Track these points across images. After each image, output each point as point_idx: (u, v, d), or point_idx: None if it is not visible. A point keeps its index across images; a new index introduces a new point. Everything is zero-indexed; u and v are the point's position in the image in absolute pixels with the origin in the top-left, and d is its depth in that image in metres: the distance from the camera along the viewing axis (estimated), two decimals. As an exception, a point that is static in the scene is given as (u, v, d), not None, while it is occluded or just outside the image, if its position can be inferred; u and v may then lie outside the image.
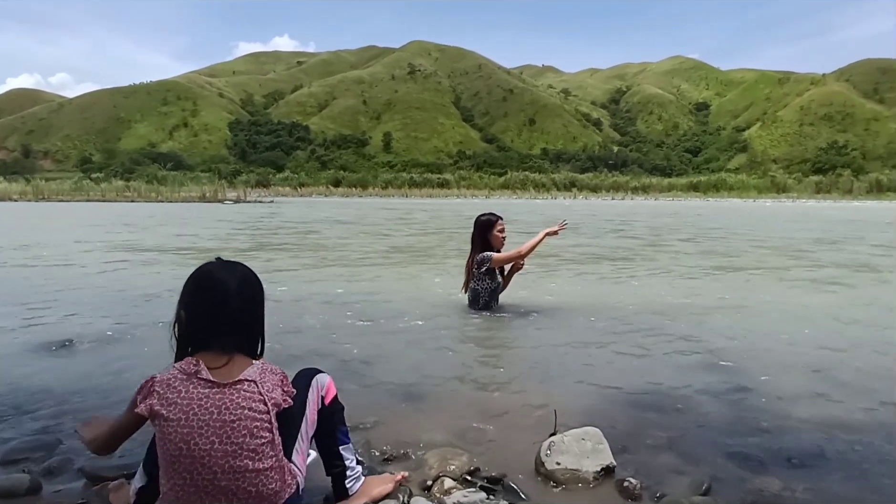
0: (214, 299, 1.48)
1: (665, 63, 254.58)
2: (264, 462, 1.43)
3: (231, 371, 1.44)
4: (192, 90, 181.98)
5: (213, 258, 1.55)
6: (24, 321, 4.25)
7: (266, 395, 1.44)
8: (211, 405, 1.39)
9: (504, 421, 2.44)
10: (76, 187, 47.32)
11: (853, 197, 73.63)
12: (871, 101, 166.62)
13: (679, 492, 1.83)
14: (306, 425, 1.62)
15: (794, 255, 9.46)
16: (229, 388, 1.41)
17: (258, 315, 1.55)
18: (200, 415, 1.38)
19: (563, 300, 5.13)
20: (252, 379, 1.44)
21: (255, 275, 1.58)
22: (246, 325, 1.51)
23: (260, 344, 1.56)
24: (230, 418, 1.39)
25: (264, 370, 1.49)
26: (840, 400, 2.71)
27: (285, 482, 1.48)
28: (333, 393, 1.71)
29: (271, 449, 1.44)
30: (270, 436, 1.44)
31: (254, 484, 1.42)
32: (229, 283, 1.49)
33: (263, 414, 1.43)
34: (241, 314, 1.49)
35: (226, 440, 1.38)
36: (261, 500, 1.43)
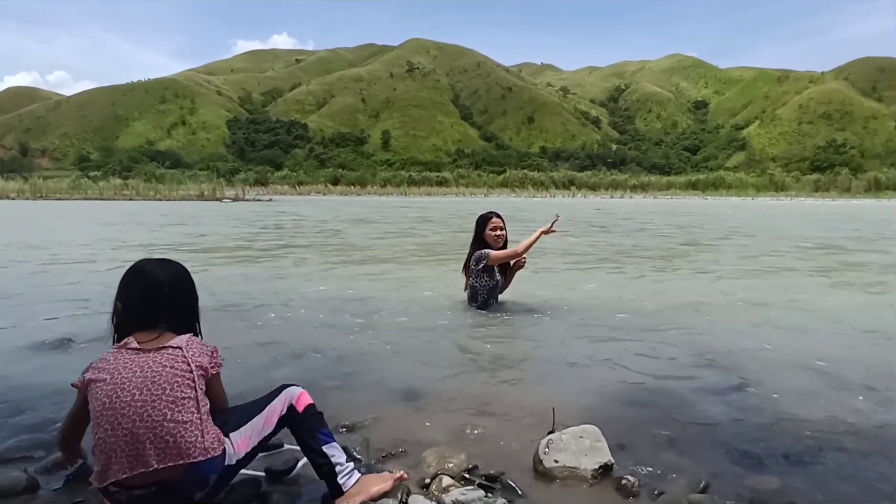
0: (145, 288, 1.67)
1: (664, 61, 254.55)
2: (184, 415, 1.50)
3: (159, 342, 1.61)
4: (190, 88, 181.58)
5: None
6: (22, 319, 4.24)
7: (190, 357, 1.58)
8: (135, 365, 1.54)
9: (502, 419, 2.44)
10: (74, 186, 47.22)
11: (851, 195, 73.73)
12: (869, 99, 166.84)
13: (677, 489, 1.83)
14: (261, 421, 1.70)
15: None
16: (154, 352, 1.58)
17: (188, 303, 1.75)
18: (124, 373, 1.53)
19: (562, 298, 5.13)
20: (178, 346, 1.60)
21: (186, 271, 1.80)
22: (176, 310, 1.70)
23: (196, 328, 1.77)
24: (151, 374, 1.52)
25: (192, 341, 1.65)
26: (838, 398, 2.71)
27: (206, 441, 1.52)
28: (307, 402, 1.78)
29: (193, 405, 1.53)
30: (192, 392, 1.54)
31: (171, 434, 1.48)
32: (159, 275, 1.70)
33: (186, 373, 1.55)
34: (171, 302, 1.68)
35: (146, 392, 1.49)
36: (178, 451, 1.48)
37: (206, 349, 1.66)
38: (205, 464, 1.53)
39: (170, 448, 1.48)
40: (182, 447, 1.49)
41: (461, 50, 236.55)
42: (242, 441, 1.65)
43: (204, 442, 1.52)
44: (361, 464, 1.99)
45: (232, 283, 5.89)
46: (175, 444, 1.48)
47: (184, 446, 1.49)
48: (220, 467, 1.57)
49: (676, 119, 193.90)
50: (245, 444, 1.65)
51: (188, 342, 1.63)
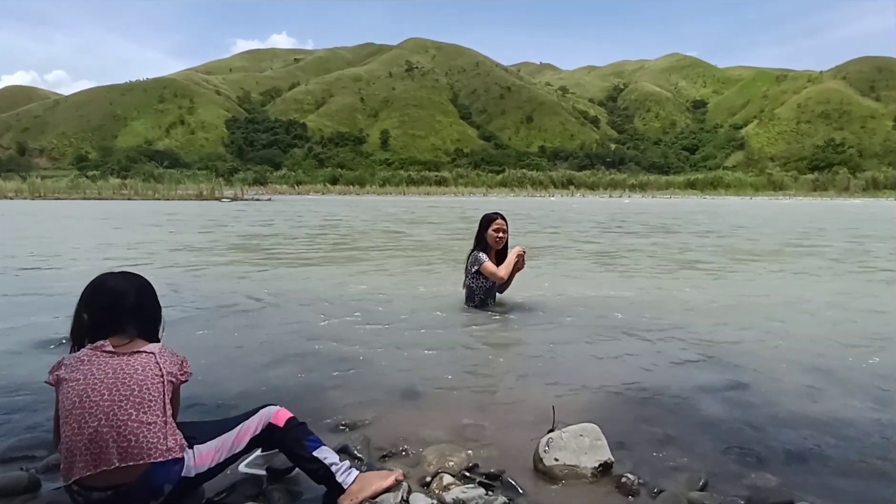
0: (112, 300, 1.73)
1: (663, 60, 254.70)
2: (149, 416, 1.54)
3: (132, 346, 1.68)
4: (189, 88, 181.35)
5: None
6: (22, 320, 4.24)
7: (161, 363, 1.64)
8: (108, 367, 1.59)
9: (502, 417, 2.45)
10: (72, 185, 47.15)
11: (849, 195, 73.85)
12: (867, 98, 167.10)
13: (676, 487, 1.84)
14: (230, 438, 1.71)
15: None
16: (128, 356, 1.63)
17: (151, 310, 1.82)
18: (97, 374, 1.57)
19: (561, 297, 5.14)
20: (151, 351, 1.67)
21: (148, 283, 1.88)
22: (141, 317, 1.76)
23: (159, 333, 1.84)
24: (123, 376, 1.57)
25: (164, 349, 1.72)
26: (837, 396, 2.73)
27: (167, 444, 1.55)
28: (286, 417, 1.80)
29: (159, 409, 1.57)
30: (160, 396, 1.58)
31: (135, 433, 1.51)
32: (122, 286, 1.78)
33: (157, 377, 1.61)
34: (135, 310, 1.75)
35: (115, 392, 1.54)
36: (139, 450, 1.51)
37: (176, 358, 1.72)
38: (161, 468, 1.54)
39: (132, 447, 1.50)
40: (143, 447, 1.51)
41: (460, 49, 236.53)
42: (207, 454, 1.65)
43: (166, 443, 1.54)
44: (363, 462, 1.99)
45: (232, 283, 5.89)
46: (137, 443, 1.51)
47: (145, 446, 1.51)
48: (176, 476, 1.57)
49: (675, 118, 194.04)
50: (209, 457, 1.66)
51: (161, 350, 1.69)
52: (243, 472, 1.86)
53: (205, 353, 3.32)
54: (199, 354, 3.34)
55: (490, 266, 4.31)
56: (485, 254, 4.39)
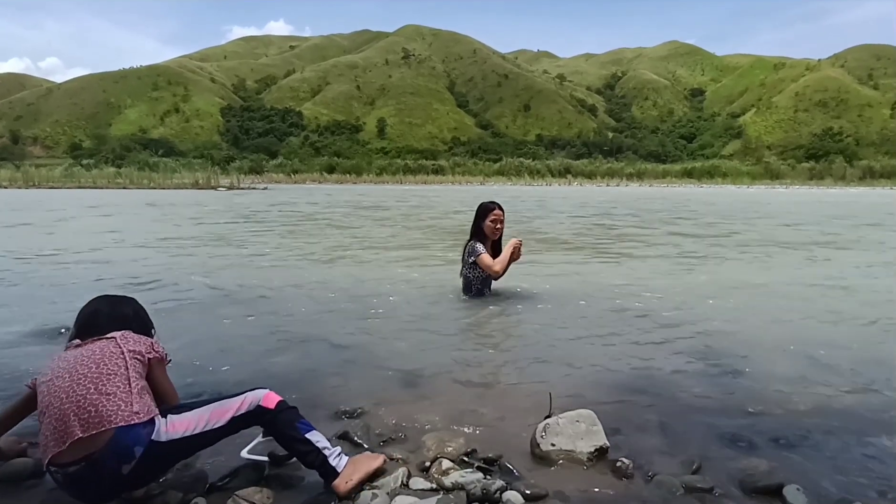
0: (87, 316, 1.92)
1: (661, 48, 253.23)
2: (108, 388, 1.62)
3: (97, 337, 1.81)
4: (184, 75, 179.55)
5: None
6: (23, 308, 4.25)
7: (122, 344, 1.74)
8: (71, 357, 1.72)
9: (500, 404, 2.49)
10: (66, 174, 46.76)
11: (846, 183, 73.97)
12: (865, 87, 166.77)
13: (670, 471, 1.88)
14: (208, 411, 1.73)
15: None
16: (89, 343, 1.76)
17: (126, 316, 1.95)
18: (61, 364, 1.71)
19: (557, 286, 5.17)
20: (111, 336, 1.77)
21: (125, 304, 2.01)
22: (118, 322, 1.90)
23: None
24: (82, 359, 1.69)
25: (128, 334, 1.82)
26: (827, 383, 2.77)
27: (130, 411, 1.60)
28: (276, 399, 1.81)
29: (120, 381, 1.65)
30: (120, 370, 1.67)
31: (94, 405, 1.59)
32: (99, 308, 1.95)
33: (116, 355, 1.70)
34: (111, 317, 1.92)
35: (74, 373, 1.65)
36: (100, 418, 1.57)
37: (143, 339, 1.81)
38: (128, 431, 1.57)
39: (92, 417, 1.56)
40: (104, 415, 1.57)
41: (457, 37, 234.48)
42: (181, 423, 1.67)
43: (129, 409, 1.59)
44: (363, 448, 2.03)
45: (229, 272, 5.90)
46: (97, 412, 1.57)
47: (105, 414, 1.57)
48: (146, 439, 1.59)
49: (673, 107, 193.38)
50: (182, 426, 1.67)
51: (123, 334, 1.79)
52: (245, 458, 1.89)
53: (203, 342, 3.34)
54: (197, 343, 3.37)
55: (486, 259, 4.33)
56: (481, 244, 4.41)
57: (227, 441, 1.81)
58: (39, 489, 1.81)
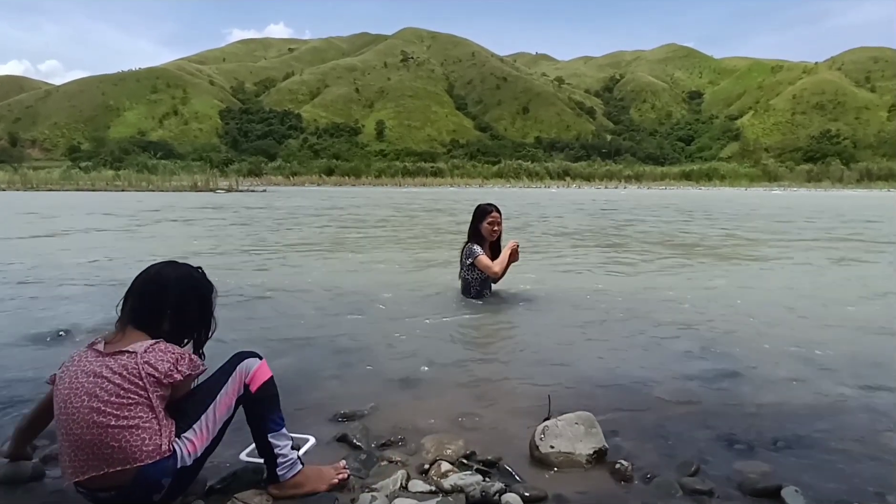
0: (131, 287, 1.73)
1: (659, 51, 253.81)
2: (129, 420, 1.51)
3: (120, 344, 1.62)
4: (182, 78, 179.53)
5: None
6: (20, 312, 4.25)
7: (142, 363, 1.56)
8: (90, 370, 1.57)
9: (499, 406, 2.49)
10: (65, 176, 46.68)
11: (843, 185, 74.12)
12: (862, 89, 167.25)
13: (669, 473, 1.89)
14: (215, 410, 1.65)
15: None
16: (109, 356, 1.58)
17: (162, 306, 1.70)
18: (80, 378, 1.56)
19: (556, 287, 5.18)
20: (133, 350, 1.58)
21: (175, 275, 1.75)
22: (147, 310, 1.69)
23: (179, 334, 1.75)
24: (101, 381, 1.54)
25: (155, 347, 1.61)
26: (825, 384, 2.78)
27: (154, 444, 1.53)
28: (264, 378, 1.72)
29: (141, 410, 1.54)
30: (140, 398, 1.54)
31: (116, 439, 1.50)
32: (141, 275, 1.73)
33: (136, 378, 1.54)
34: (139, 301, 1.69)
35: (94, 398, 1.52)
36: (123, 455, 1.50)
37: (168, 356, 1.61)
38: (152, 467, 1.53)
39: (115, 453, 1.50)
40: (127, 451, 1.51)
41: (455, 39, 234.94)
42: (197, 439, 1.62)
43: (152, 443, 1.53)
44: (361, 451, 2.03)
45: (227, 274, 5.90)
46: (120, 448, 1.50)
47: (129, 450, 1.51)
48: (172, 470, 1.56)
49: (671, 109, 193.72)
50: (200, 440, 1.63)
51: (149, 348, 1.60)
52: (244, 461, 1.87)
53: (210, 347, 3.34)
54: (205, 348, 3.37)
55: (485, 260, 4.34)
56: (479, 246, 4.42)
57: (226, 443, 1.79)
58: (40, 491, 1.79)
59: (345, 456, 1.99)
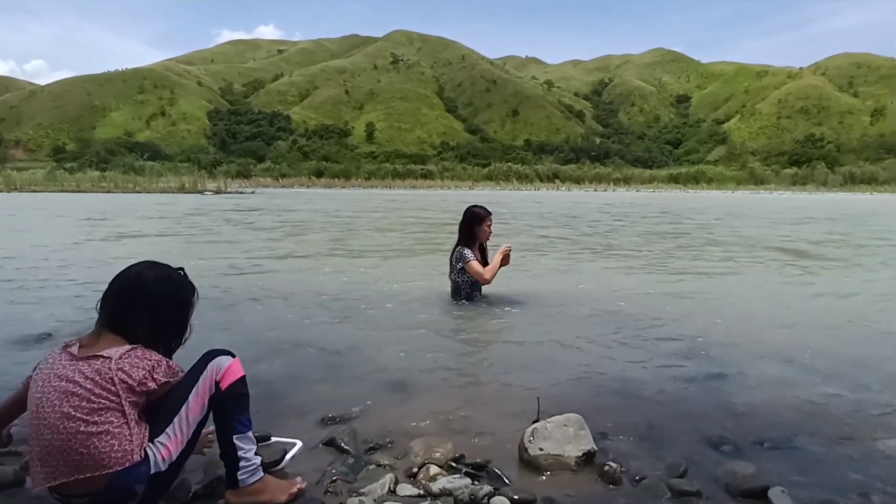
0: (108, 288, 1.68)
1: (647, 55, 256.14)
2: (99, 427, 1.48)
3: (95, 348, 1.58)
4: (170, 78, 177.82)
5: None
6: (2, 313, 4.17)
7: (115, 370, 1.52)
8: (62, 374, 1.53)
9: (488, 409, 2.48)
10: (49, 177, 46.01)
11: (828, 189, 75.25)
12: (846, 94, 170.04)
13: (657, 475, 1.90)
14: (187, 411, 1.60)
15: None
16: (83, 361, 1.54)
17: (139, 310, 1.65)
18: (52, 381, 1.52)
19: (545, 290, 5.19)
20: (108, 356, 1.54)
21: (153, 277, 1.68)
22: (123, 313, 1.63)
23: (155, 339, 1.68)
24: (73, 386, 1.50)
25: (132, 353, 1.57)
26: (811, 386, 2.81)
27: (125, 450, 1.49)
28: (235, 377, 1.66)
29: (112, 415, 1.50)
30: (112, 403, 1.50)
31: (85, 445, 1.47)
32: (119, 276, 1.68)
33: (108, 384, 1.50)
34: (116, 303, 1.64)
35: (65, 403, 1.49)
36: (93, 462, 1.47)
37: (144, 363, 1.57)
38: (124, 474, 1.50)
39: (84, 460, 1.47)
40: (96, 458, 1.48)
41: (445, 42, 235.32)
42: (171, 443, 1.58)
43: (122, 449, 1.49)
44: (349, 455, 2.01)
45: (215, 278, 5.84)
46: (89, 455, 1.47)
47: (98, 457, 1.48)
48: (146, 476, 1.53)
49: (659, 113, 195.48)
50: (175, 445, 1.59)
51: (124, 354, 1.56)
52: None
53: (188, 349, 3.29)
54: (182, 350, 3.32)
55: (476, 266, 4.37)
56: (469, 250, 4.43)
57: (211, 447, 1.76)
58: (20, 497, 1.75)
59: (332, 460, 1.97)
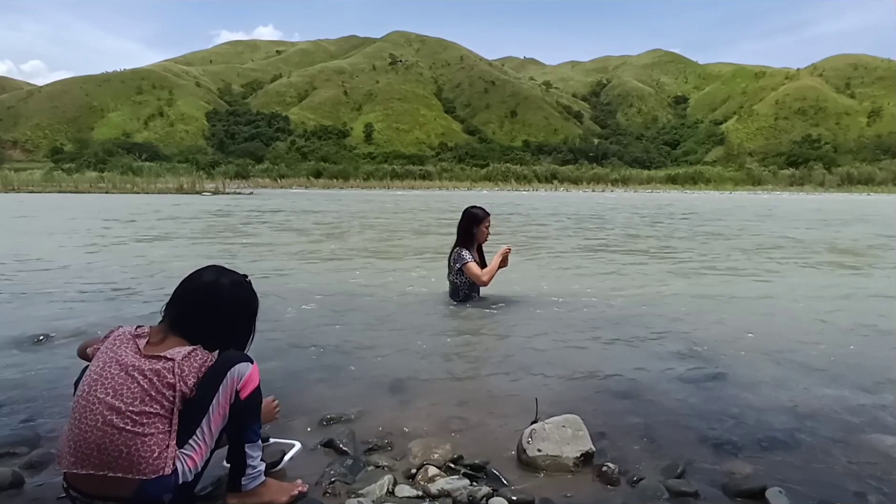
0: (178, 288, 1.72)
1: (645, 56, 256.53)
2: (144, 429, 1.47)
3: (160, 347, 1.59)
4: (168, 79, 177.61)
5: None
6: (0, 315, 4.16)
7: (177, 375, 1.52)
8: (124, 363, 1.53)
9: (486, 410, 2.48)
10: (47, 178, 45.96)
11: (825, 189, 75.42)
12: (842, 95, 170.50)
13: (655, 476, 1.90)
14: (210, 422, 1.58)
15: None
16: (147, 359, 1.54)
17: (214, 320, 1.68)
18: (112, 367, 1.53)
19: (543, 291, 5.20)
20: (172, 358, 1.54)
21: (229, 289, 1.74)
22: (197, 318, 1.66)
23: (223, 344, 1.70)
24: (129, 381, 1.50)
25: (192, 355, 1.57)
26: (809, 386, 2.82)
27: (162, 459, 1.48)
28: (254, 385, 1.65)
29: (159, 422, 1.49)
30: (162, 410, 1.50)
31: (126, 445, 1.46)
32: (195, 281, 1.71)
33: (165, 389, 1.51)
34: (191, 308, 1.67)
35: (117, 396, 1.48)
36: (129, 463, 1.46)
37: (198, 368, 1.58)
38: (154, 483, 1.49)
39: (121, 458, 1.46)
40: (133, 460, 1.47)
41: (444, 43, 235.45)
42: (196, 454, 1.58)
43: (157, 460, 1.49)
44: (348, 456, 2.01)
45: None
46: (128, 455, 1.46)
47: (135, 460, 1.47)
48: (173, 486, 1.53)
49: (657, 114, 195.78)
50: (199, 456, 1.58)
51: (186, 356, 1.56)
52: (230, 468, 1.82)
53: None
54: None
55: (474, 269, 4.38)
56: (467, 251, 4.44)
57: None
58: (19, 499, 1.75)
59: (331, 461, 1.97)
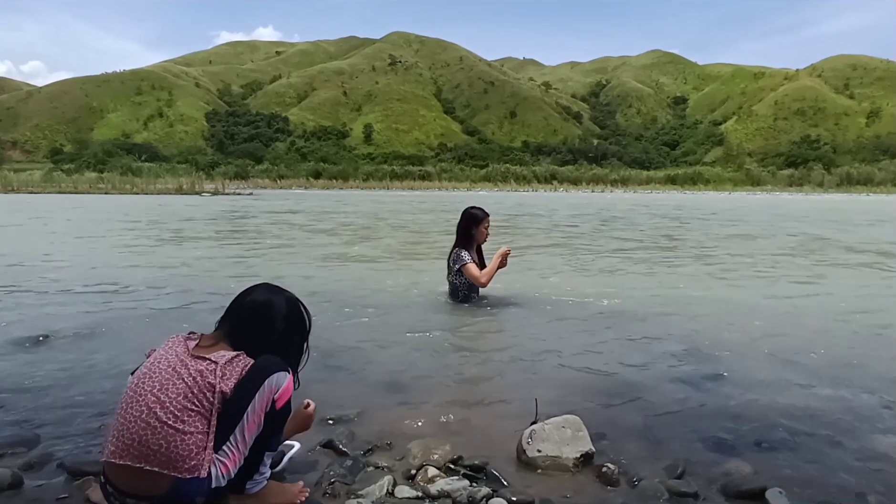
0: (233, 303, 1.80)
1: (644, 57, 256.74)
2: (185, 426, 1.50)
3: (209, 350, 1.63)
4: (168, 80, 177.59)
5: None
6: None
7: (219, 377, 1.55)
8: (173, 362, 1.58)
9: (486, 410, 2.49)
10: (47, 179, 45.96)
11: (824, 190, 75.48)
12: (841, 96, 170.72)
13: (655, 476, 1.90)
14: (245, 428, 1.57)
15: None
16: (194, 359, 1.59)
17: (267, 341, 1.72)
18: (162, 364, 1.58)
19: (543, 291, 5.19)
20: (216, 361, 1.58)
21: (284, 310, 1.80)
22: (251, 341, 1.69)
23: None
24: (175, 377, 1.54)
25: (236, 361, 1.60)
26: (808, 387, 2.82)
27: (199, 460, 1.50)
28: (289, 395, 1.65)
29: (199, 421, 1.52)
30: (201, 409, 1.53)
31: (167, 440, 1.48)
32: (248, 297, 1.78)
33: (206, 389, 1.54)
34: (246, 328, 1.72)
35: (162, 390, 1.52)
36: (167, 459, 1.48)
37: (239, 373, 1.60)
38: (188, 484, 1.50)
39: (160, 452, 1.48)
40: (172, 456, 1.48)
41: (443, 44, 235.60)
42: (230, 461, 1.58)
43: (195, 460, 1.50)
44: (347, 457, 2.01)
45: (212, 279, 5.84)
46: (167, 450, 1.48)
47: (174, 456, 1.48)
48: (206, 489, 1.54)
49: (656, 114, 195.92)
50: (233, 462, 1.58)
51: (229, 361, 1.59)
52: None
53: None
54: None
55: (473, 270, 4.38)
56: (467, 251, 4.45)
57: None
58: (18, 500, 1.75)
59: (330, 462, 1.97)
